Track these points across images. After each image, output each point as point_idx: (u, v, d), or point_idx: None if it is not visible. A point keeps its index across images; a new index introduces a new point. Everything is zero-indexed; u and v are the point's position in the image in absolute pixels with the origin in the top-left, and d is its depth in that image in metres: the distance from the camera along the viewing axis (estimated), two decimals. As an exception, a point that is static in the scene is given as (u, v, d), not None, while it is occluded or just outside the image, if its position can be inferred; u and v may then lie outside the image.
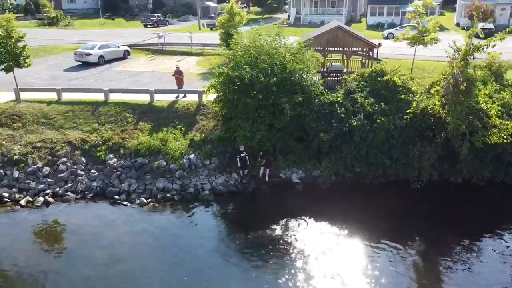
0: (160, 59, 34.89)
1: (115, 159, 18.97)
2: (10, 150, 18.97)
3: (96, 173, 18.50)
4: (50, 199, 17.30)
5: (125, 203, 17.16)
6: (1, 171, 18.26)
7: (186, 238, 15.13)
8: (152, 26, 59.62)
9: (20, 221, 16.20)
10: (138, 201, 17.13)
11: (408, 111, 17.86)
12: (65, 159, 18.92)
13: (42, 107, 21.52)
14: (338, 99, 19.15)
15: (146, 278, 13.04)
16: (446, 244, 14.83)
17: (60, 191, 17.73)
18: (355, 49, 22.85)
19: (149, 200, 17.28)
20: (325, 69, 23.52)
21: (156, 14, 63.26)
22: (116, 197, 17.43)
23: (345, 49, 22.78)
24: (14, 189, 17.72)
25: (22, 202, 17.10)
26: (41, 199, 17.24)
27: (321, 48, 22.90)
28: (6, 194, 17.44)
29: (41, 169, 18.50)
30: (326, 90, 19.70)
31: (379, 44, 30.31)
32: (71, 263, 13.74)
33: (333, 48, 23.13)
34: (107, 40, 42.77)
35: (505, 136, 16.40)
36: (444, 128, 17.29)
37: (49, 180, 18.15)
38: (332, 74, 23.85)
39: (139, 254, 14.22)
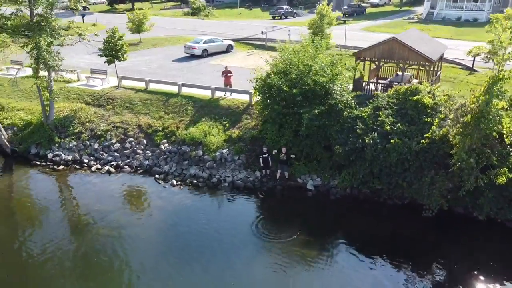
0: (258, 55, 37.67)
1: (167, 144, 22.76)
2: (97, 126, 24.37)
3: (150, 154, 22.59)
4: (112, 169, 22.00)
5: (161, 182, 20.80)
6: (87, 142, 23.76)
7: (190, 218, 18.02)
8: (279, 18, 62.76)
9: (86, 183, 21.21)
10: (170, 182, 20.59)
11: (425, 135, 17.20)
12: (131, 139, 23.50)
13: (131, 94, 26.61)
14: (363, 114, 19.29)
15: (142, 244, 16.40)
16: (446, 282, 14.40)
17: (121, 164, 22.33)
18: (410, 62, 21.96)
19: (178, 183, 20.56)
20: (375, 79, 23.23)
21: (284, 6, 66.01)
22: (157, 176, 21.20)
23: (400, 61, 22.09)
24: (91, 157, 23.00)
25: (93, 168, 22.17)
26: (106, 168, 22.06)
27: (375, 59, 22.67)
28: (86, 161, 22.81)
29: (113, 144, 23.42)
30: (355, 104, 19.94)
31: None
32: (97, 218, 17.94)
33: (388, 60, 22.60)
34: (225, 32, 47.71)
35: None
36: (462, 158, 16.23)
37: (116, 154, 22.94)
38: (395, 84, 23.34)
39: (147, 224, 17.64)
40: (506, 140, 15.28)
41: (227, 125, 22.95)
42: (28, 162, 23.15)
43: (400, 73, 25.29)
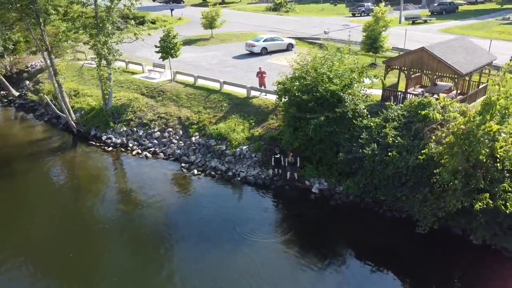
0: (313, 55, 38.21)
1: (198, 137, 25.00)
2: (145, 115, 27.52)
3: (182, 144, 25.04)
4: (149, 155, 24.91)
5: (185, 170, 23.12)
6: (135, 128, 27.02)
7: (197, 204, 20.16)
8: (359, 15, 61.44)
9: (126, 164, 24.50)
10: (192, 172, 22.80)
11: (422, 151, 16.90)
12: (170, 129, 26.19)
13: (180, 88, 29.33)
14: (372, 124, 19.37)
15: (158, 221, 18.92)
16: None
17: (157, 151, 25.13)
18: (439, 74, 21.17)
19: (199, 173, 22.66)
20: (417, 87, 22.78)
21: (366, 3, 64.20)
22: (183, 164, 23.57)
23: (429, 72, 21.43)
24: (135, 143, 26.19)
25: (134, 152, 25.30)
26: (144, 153, 25.06)
27: (405, 68, 22.23)
28: (131, 145, 26.06)
29: (155, 133, 26.34)
30: (367, 113, 20.04)
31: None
32: (126, 194, 21.20)
33: (418, 70, 21.98)
34: (295, 29, 48.61)
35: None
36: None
37: (155, 141, 25.82)
38: (427, 95, 22.75)
39: (163, 205, 19.97)
40: (497, 165, 14.55)
41: (253, 123, 24.41)
42: (87, 141, 27.18)
43: (440, 83, 24.49)
